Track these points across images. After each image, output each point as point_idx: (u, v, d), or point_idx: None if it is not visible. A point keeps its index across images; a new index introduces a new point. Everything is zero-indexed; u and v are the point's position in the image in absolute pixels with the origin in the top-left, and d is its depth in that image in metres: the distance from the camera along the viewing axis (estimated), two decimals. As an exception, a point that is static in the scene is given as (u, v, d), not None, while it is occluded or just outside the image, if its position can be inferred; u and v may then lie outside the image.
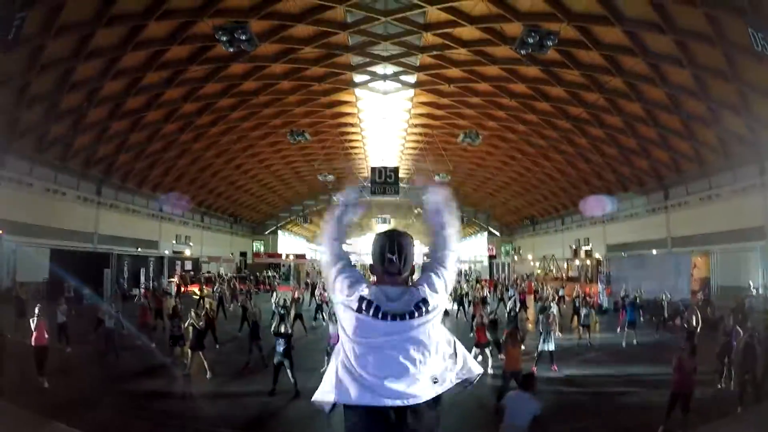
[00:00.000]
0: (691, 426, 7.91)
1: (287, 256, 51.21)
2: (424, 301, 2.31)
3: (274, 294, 22.07)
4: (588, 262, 32.00)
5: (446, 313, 24.04)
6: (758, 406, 8.97)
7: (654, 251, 27.77)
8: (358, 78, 26.35)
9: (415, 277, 2.53)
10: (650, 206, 29.28)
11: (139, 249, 27.66)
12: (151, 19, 17.58)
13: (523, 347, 10.91)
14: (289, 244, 59.59)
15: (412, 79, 26.28)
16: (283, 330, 11.36)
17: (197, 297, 21.07)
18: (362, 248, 72.72)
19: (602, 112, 24.04)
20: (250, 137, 32.04)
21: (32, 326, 10.26)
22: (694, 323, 12.59)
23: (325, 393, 2.48)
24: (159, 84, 22.53)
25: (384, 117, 31.68)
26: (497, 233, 54.08)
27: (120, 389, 10.41)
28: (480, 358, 12.53)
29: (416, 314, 2.29)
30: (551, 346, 12.59)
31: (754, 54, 14.39)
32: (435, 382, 2.38)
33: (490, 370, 12.09)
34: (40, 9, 15.05)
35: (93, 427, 6.97)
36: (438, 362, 2.44)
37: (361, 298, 2.31)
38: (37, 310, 10.35)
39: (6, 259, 20.86)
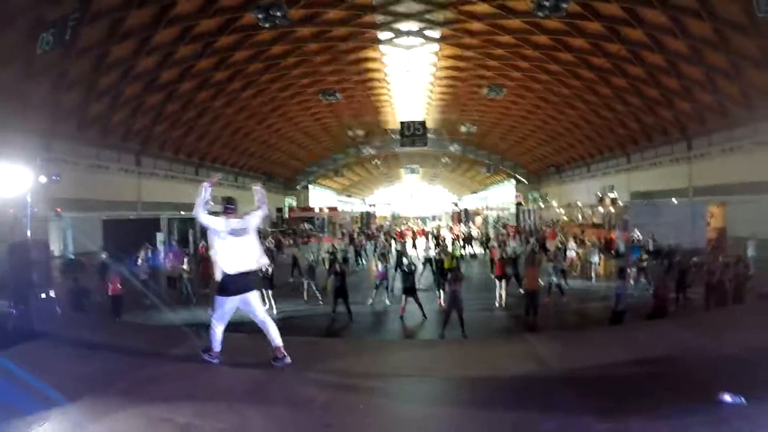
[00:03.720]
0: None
1: (320, 209, 52.96)
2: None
3: (318, 243, 25.94)
4: (612, 209, 32.45)
5: (474, 256, 25.98)
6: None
7: (674, 200, 28.14)
8: (382, 35, 26.84)
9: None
10: (674, 156, 29.37)
11: (182, 212, 29.16)
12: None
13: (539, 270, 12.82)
14: (319, 197, 61.25)
15: (436, 34, 26.58)
16: (338, 269, 13.42)
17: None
18: (391, 198, 74.23)
19: (625, 63, 24.06)
20: (279, 98, 32.98)
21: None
22: (686, 263, 14.06)
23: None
24: (191, 56, 23.47)
25: (408, 71, 32.04)
26: (524, 181, 54.22)
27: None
28: (499, 286, 14.55)
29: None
30: (561, 281, 14.89)
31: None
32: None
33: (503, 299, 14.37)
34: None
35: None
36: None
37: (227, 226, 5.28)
38: (112, 269, 13.30)
39: (66, 233, 22.71)
